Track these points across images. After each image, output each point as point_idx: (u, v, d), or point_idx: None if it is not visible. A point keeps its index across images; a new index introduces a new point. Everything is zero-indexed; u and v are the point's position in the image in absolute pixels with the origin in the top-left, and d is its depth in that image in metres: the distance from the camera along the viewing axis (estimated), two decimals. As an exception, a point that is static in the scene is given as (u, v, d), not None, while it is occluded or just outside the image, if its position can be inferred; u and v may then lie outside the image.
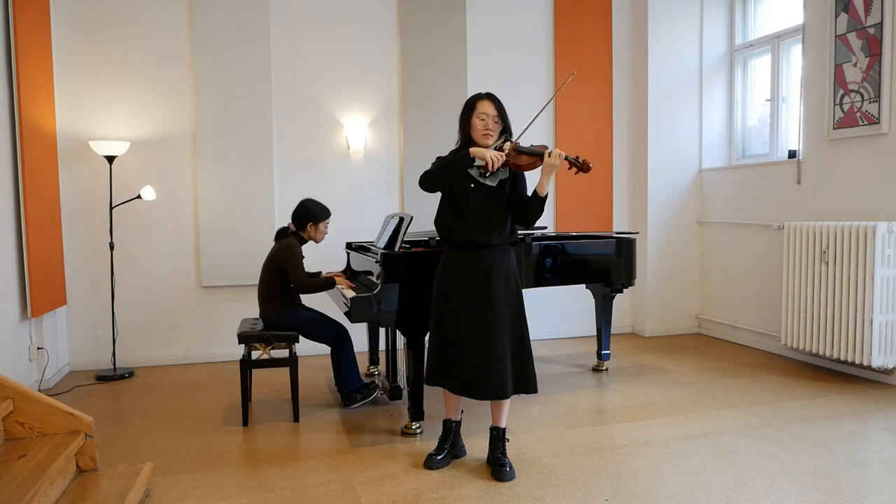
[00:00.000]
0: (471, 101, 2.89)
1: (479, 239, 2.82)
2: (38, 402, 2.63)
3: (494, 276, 2.81)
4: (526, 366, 2.85)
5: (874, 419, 3.49)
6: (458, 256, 2.87)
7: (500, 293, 2.81)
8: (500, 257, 2.86)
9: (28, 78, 4.04)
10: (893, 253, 3.96)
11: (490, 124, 2.82)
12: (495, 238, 2.83)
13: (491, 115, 2.82)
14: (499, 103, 2.86)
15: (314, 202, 3.84)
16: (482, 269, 2.82)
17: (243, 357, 3.58)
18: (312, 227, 3.79)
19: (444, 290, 2.89)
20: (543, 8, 5.59)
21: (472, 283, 2.82)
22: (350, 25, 5.18)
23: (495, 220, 2.84)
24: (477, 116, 2.83)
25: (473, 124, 2.84)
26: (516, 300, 2.88)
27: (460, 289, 2.83)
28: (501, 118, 2.84)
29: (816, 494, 2.61)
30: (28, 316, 4.02)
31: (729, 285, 5.50)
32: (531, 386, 2.85)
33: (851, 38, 4.28)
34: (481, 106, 2.84)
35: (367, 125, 5.25)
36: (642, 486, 2.70)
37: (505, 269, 2.85)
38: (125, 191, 4.70)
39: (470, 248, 2.84)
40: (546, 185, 2.80)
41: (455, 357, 2.81)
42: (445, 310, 2.87)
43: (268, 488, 2.75)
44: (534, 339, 5.81)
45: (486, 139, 2.83)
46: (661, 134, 5.67)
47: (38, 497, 2.19)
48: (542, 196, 2.80)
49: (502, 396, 2.78)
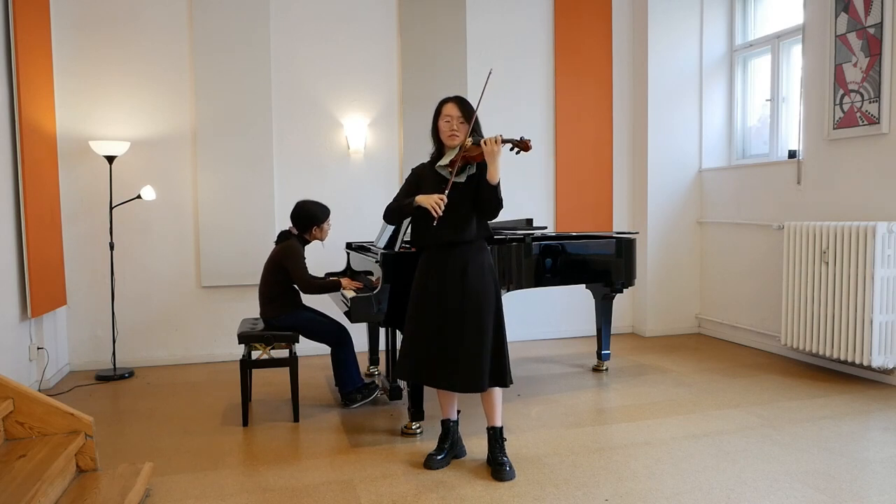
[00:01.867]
0: (438, 105, 2.94)
1: (454, 237, 2.85)
2: (38, 402, 2.63)
3: (471, 273, 2.84)
4: (501, 359, 2.87)
5: (874, 419, 3.49)
6: (435, 256, 2.90)
7: (476, 289, 2.84)
8: (475, 254, 2.89)
9: (28, 78, 4.04)
10: (893, 253, 3.96)
11: (455, 125, 2.85)
12: (469, 233, 2.86)
13: (455, 117, 2.85)
14: (464, 104, 2.88)
15: (312, 203, 3.82)
16: (458, 266, 2.85)
17: (243, 357, 3.58)
18: (318, 229, 3.80)
19: (419, 289, 2.93)
20: (543, 8, 5.59)
21: (449, 280, 2.84)
22: (350, 25, 5.19)
23: (466, 215, 2.86)
24: (443, 119, 2.88)
25: (440, 127, 2.90)
26: (493, 296, 2.89)
27: (438, 286, 2.86)
28: (466, 119, 2.85)
29: (816, 494, 2.61)
30: (28, 316, 4.02)
31: (729, 285, 5.50)
32: (506, 379, 2.88)
33: (851, 38, 4.28)
34: (446, 108, 2.88)
35: (367, 125, 5.26)
36: (642, 486, 2.70)
37: (480, 266, 2.88)
38: (125, 191, 4.70)
39: (446, 247, 2.87)
40: (494, 172, 2.77)
41: (431, 352, 2.84)
42: (421, 306, 2.90)
43: (268, 488, 2.75)
44: (534, 339, 5.85)
45: (452, 140, 2.86)
46: (661, 134, 5.67)
47: (38, 497, 2.19)
48: (492, 184, 2.79)
49: (479, 389, 2.82)
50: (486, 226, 2.96)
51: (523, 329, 5.54)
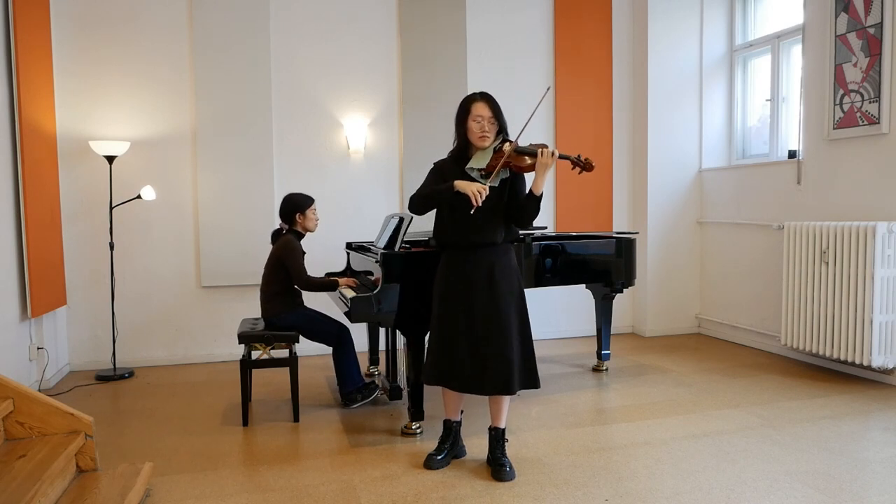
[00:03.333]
0: (465, 102, 2.86)
1: (484, 239, 2.82)
2: (38, 402, 2.63)
3: (498, 275, 2.82)
4: (530, 361, 2.87)
5: (874, 419, 3.49)
6: (460, 257, 2.87)
7: (505, 290, 2.82)
8: (502, 255, 2.87)
9: (28, 78, 4.04)
10: (893, 253, 3.96)
11: (486, 126, 2.81)
12: (499, 237, 2.84)
13: (486, 117, 2.80)
14: (493, 104, 2.83)
15: (294, 194, 3.85)
16: (485, 267, 2.82)
17: (243, 357, 3.58)
18: (301, 216, 3.79)
19: (445, 291, 2.89)
20: (543, 8, 5.59)
21: (477, 282, 2.82)
22: (350, 25, 5.19)
23: (498, 220, 2.84)
24: (473, 119, 2.82)
25: (470, 127, 2.83)
26: (519, 297, 2.89)
27: (464, 288, 2.83)
28: (497, 119, 2.82)
29: (816, 494, 2.61)
30: (28, 316, 4.02)
31: (729, 285, 5.50)
32: (535, 381, 2.88)
33: (851, 38, 4.28)
34: (476, 108, 2.82)
35: (367, 125, 5.26)
36: (642, 486, 2.70)
37: (507, 267, 2.86)
38: (125, 191, 4.70)
39: (472, 249, 2.85)
40: (541, 184, 2.76)
41: (459, 356, 2.81)
42: (448, 310, 2.86)
43: (268, 488, 2.75)
44: (534, 339, 5.83)
45: (483, 141, 2.82)
46: (661, 134, 5.67)
47: (38, 497, 2.19)
48: (537, 196, 2.79)
49: (509, 392, 2.80)
50: (513, 229, 2.94)
51: (523, 329, 5.53)
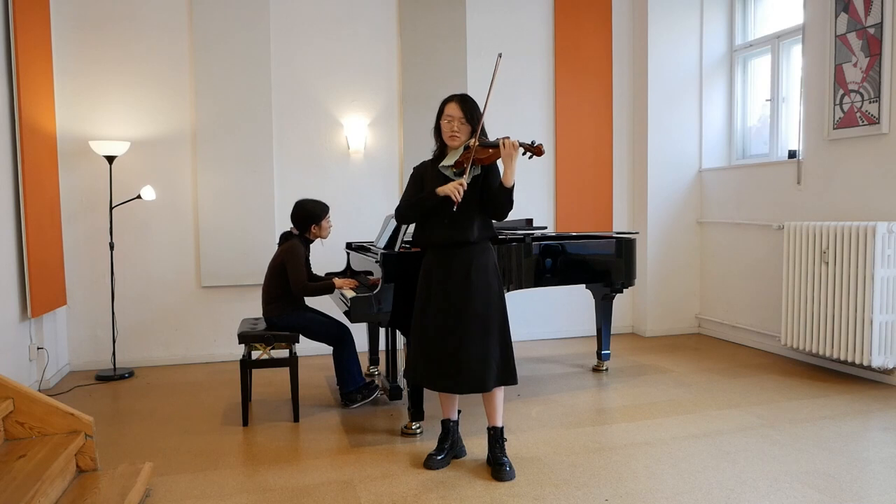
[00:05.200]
0: (441, 103, 2.90)
1: (458, 237, 2.83)
2: (38, 402, 2.63)
3: (474, 274, 2.83)
4: (507, 359, 2.88)
5: (874, 419, 3.49)
6: (439, 256, 2.89)
7: (481, 289, 2.83)
8: (479, 254, 2.87)
9: (28, 78, 4.04)
10: (893, 253, 3.96)
11: (456, 126, 2.81)
12: (474, 234, 2.85)
13: (457, 118, 2.81)
14: (467, 105, 2.83)
15: (310, 202, 3.82)
16: (463, 267, 2.84)
17: (243, 357, 3.58)
18: (316, 227, 3.80)
19: (425, 291, 2.92)
20: (543, 8, 5.59)
21: (453, 281, 2.83)
22: (350, 25, 5.18)
23: (473, 215, 2.85)
24: (444, 119, 2.85)
25: (441, 127, 2.86)
26: (498, 296, 2.89)
27: (441, 288, 2.85)
28: (469, 119, 2.82)
29: (816, 494, 2.61)
30: (28, 316, 4.02)
31: (729, 285, 5.50)
32: (512, 378, 2.89)
33: (851, 38, 4.28)
34: (448, 108, 2.84)
35: (367, 125, 5.26)
36: (642, 486, 2.70)
37: (484, 266, 2.87)
38: (125, 191, 4.70)
39: (450, 248, 2.86)
40: (510, 175, 2.76)
41: (437, 355, 2.84)
42: (426, 310, 2.89)
43: (268, 488, 2.75)
44: (534, 339, 5.85)
45: (453, 141, 2.84)
46: (661, 134, 5.67)
47: (38, 497, 2.19)
48: (507, 187, 2.78)
49: (483, 389, 2.82)
50: (490, 226, 2.95)
51: (523, 329, 5.53)
